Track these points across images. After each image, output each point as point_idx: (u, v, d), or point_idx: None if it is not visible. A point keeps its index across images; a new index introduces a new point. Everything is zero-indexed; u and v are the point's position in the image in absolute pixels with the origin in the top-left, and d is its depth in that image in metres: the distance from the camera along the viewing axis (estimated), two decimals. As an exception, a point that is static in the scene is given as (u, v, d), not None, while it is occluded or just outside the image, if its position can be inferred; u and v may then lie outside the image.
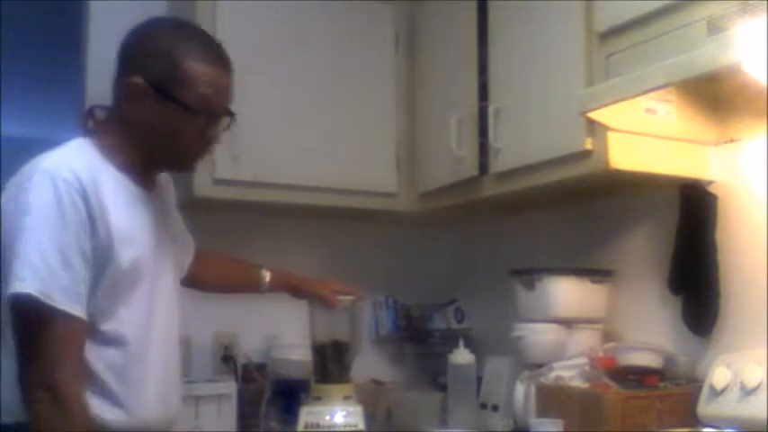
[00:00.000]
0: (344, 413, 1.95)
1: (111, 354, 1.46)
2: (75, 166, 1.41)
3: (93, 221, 1.40)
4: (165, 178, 1.68)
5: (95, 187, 1.41)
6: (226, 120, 1.56)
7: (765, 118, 1.80)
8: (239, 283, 2.03)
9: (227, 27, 2.40)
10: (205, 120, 1.50)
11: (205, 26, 2.37)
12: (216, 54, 1.52)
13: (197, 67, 1.47)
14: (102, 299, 1.43)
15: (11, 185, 1.44)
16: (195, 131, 1.50)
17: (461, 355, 2.32)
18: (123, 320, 1.47)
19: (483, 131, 2.27)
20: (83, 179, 1.40)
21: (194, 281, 1.86)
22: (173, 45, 1.47)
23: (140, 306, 1.51)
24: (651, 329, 2.11)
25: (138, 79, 1.45)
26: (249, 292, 2.03)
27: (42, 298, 1.33)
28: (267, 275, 1.99)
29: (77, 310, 1.37)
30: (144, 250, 1.51)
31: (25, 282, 1.33)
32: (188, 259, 1.82)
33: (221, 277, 1.99)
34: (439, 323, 2.80)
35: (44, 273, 1.34)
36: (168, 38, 1.49)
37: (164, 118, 1.47)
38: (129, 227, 1.47)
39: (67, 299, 1.36)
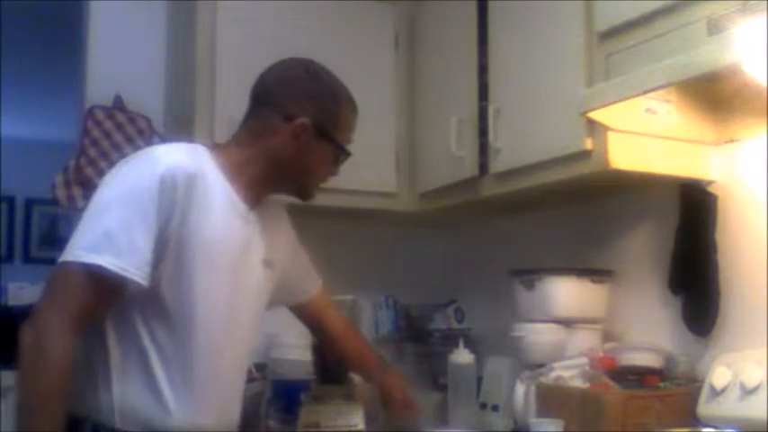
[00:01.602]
0: (344, 413, 1.95)
1: (181, 355, 1.49)
2: (181, 159, 1.51)
3: (174, 209, 1.46)
4: (278, 209, 1.78)
5: (194, 182, 1.49)
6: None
7: (765, 118, 1.80)
8: (359, 369, 2.03)
9: (227, 27, 2.40)
10: (342, 159, 1.69)
11: (205, 27, 2.41)
12: (355, 103, 1.71)
13: (349, 115, 1.69)
14: (177, 292, 1.48)
15: (121, 163, 1.56)
16: (330, 167, 1.69)
17: (461, 355, 2.32)
18: (200, 322, 1.51)
19: (483, 131, 2.27)
20: (182, 171, 1.48)
21: (331, 345, 1.99)
22: (335, 92, 1.67)
23: (217, 310, 1.54)
24: (651, 329, 2.11)
25: (306, 120, 1.60)
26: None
27: (112, 267, 1.39)
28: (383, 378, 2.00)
29: (139, 276, 1.42)
30: (224, 257, 1.55)
31: (98, 252, 1.39)
32: (291, 296, 1.88)
33: (354, 361, 2.01)
34: (439, 323, 2.80)
35: (119, 243, 1.40)
36: (330, 84, 1.68)
37: (315, 154, 1.63)
38: (214, 230, 1.52)
39: (134, 266, 1.41)
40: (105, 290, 1.42)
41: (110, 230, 1.41)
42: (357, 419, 1.95)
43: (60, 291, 1.40)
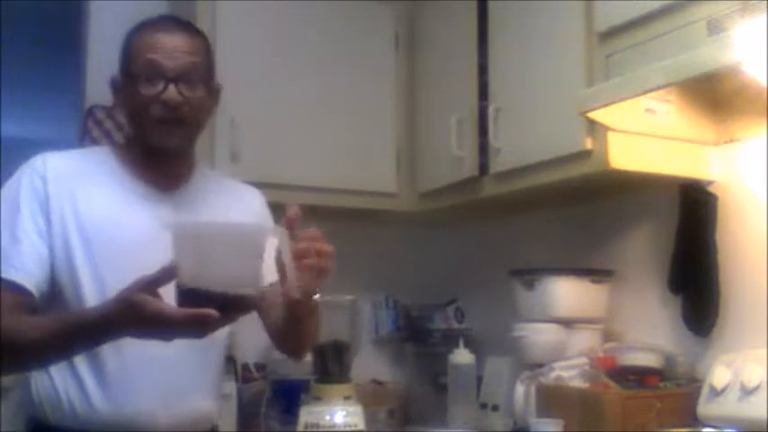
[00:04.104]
0: (344, 413, 1.94)
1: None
2: (55, 158, 1.50)
3: (49, 202, 1.44)
4: (238, 192, 1.69)
5: (68, 176, 1.47)
6: (209, 91, 1.52)
7: (765, 118, 1.80)
8: None
9: (227, 27, 2.40)
10: (161, 84, 1.45)
11: (205, 26, 2.39)
12: (161, 22, 1.53)
13: (141, 39, 1.49)
14: (65, 282, 1.43)
15: None
16: (150, 99, 1.45)
17: (461, 355, 2.33)
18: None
19: (483, 131, 2.28)
20: (51, 167, 1.48)
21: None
22: (127, 33, 1.53)
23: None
24: (651, 329, 2.11)
25: (114, 74, 1.54)
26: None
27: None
28: None
29: (22, 278, 1.38)
30: (118, 241, 1.44)
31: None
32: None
33: None
34: (439, 323, 2.80)
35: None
36: (128, 31, 1.54)
37: (128, 97, 1.50)
38: (102, 219, 1.45)
39: (12, 269, 1.38)
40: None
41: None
42: (357, 419, 1.95)
43: None
